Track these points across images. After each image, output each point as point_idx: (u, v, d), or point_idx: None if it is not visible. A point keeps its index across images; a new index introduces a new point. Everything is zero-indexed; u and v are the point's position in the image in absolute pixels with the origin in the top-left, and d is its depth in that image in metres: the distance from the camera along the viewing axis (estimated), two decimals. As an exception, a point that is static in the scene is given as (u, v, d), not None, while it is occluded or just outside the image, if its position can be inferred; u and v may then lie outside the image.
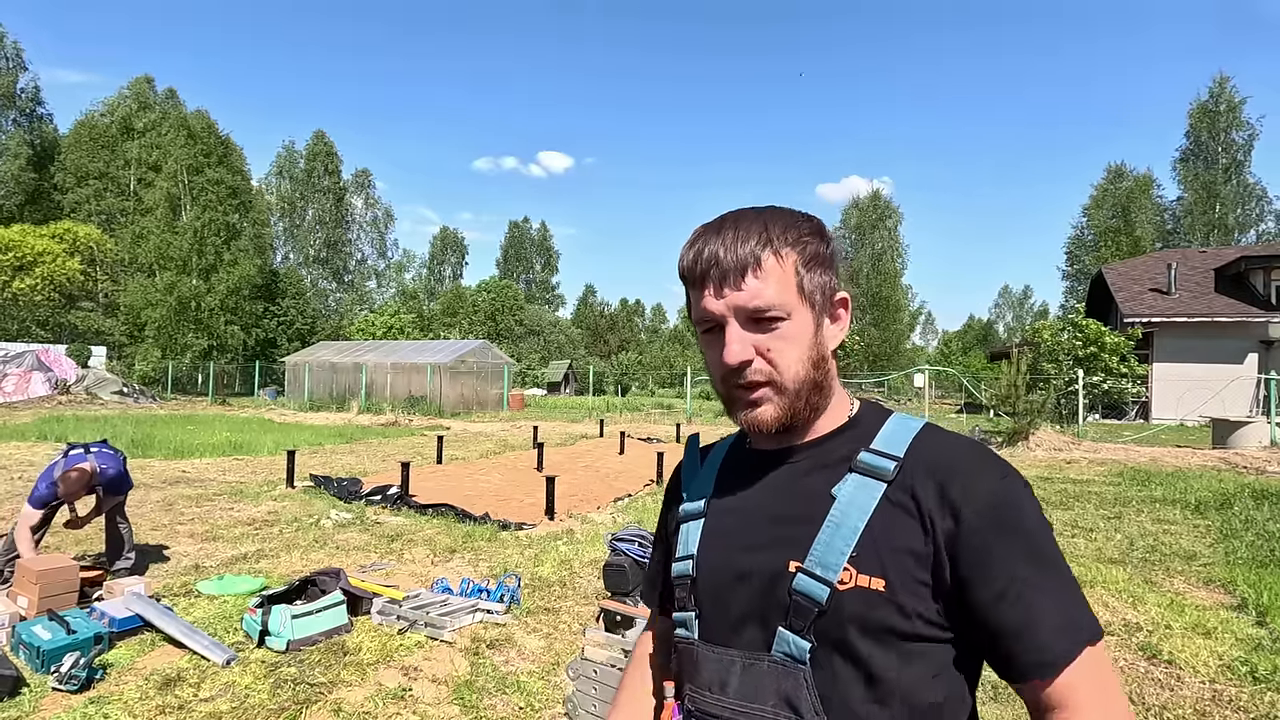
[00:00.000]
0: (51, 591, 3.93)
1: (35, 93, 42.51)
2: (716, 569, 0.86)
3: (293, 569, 5.19)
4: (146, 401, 25.81)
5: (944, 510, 0.76)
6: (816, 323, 0.83)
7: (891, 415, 0.87)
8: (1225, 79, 41.02)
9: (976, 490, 0.76)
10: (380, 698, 3.21)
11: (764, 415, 0.82)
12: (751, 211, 0.84)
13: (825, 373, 0.84)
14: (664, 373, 48.14)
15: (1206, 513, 7.54)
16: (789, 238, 0.81)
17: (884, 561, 0.76)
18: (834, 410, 0.88)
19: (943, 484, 0.77)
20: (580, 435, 16.40)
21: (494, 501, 8.00)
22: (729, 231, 0.81)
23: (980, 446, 0.82)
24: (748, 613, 0.82)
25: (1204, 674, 3.56)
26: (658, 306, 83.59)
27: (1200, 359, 21.16)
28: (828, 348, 0.85)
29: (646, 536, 4.53)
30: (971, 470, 0.78)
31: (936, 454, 0.80)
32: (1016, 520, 0.76)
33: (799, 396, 0.82)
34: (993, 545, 0.74)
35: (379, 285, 57.08)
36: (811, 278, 0.82)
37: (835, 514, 0.79)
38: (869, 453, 0.82)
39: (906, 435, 0.83)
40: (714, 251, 0.81)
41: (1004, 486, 0.77)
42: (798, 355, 0.81)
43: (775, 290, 0.79)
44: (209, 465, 10.58)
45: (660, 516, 1.08)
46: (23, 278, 32.46)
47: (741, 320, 0.80)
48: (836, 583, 0.76)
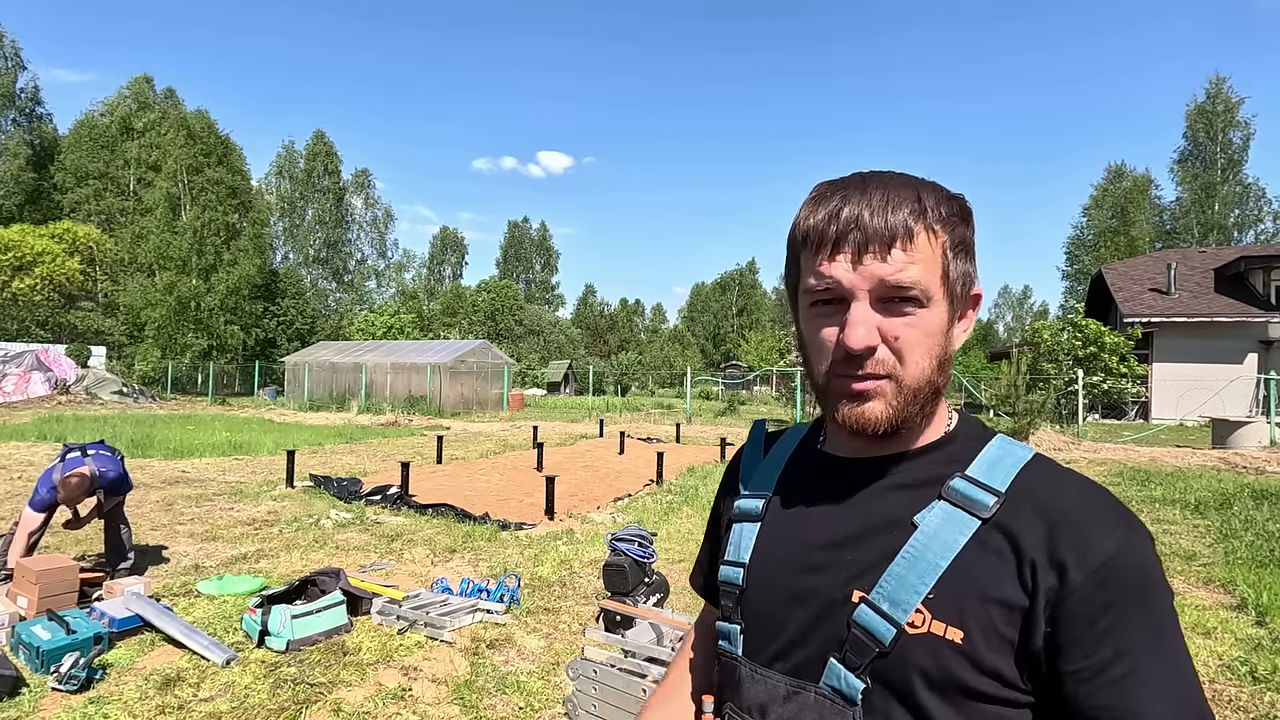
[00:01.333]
0: (51, 591, 3.93)
1: (35, 92, 42.58)
2: (770, 585, 0.78)
3: (292, 569, 5.19)
4: (146, 401, 25.81)
5: (1050, 563, 0.65)
6: (951, 317, 0.73)
7: (995, 438, 0.75)
8: (1222, 79, 41.09)
9: (1093, 545, 0.64)
10: (380, 698, 3.21)
11: (873, 412, 0.70)
12: (898, 175, 0.73)
13: (947, 377, 0.74)
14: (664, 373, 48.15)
15: (1206, 513, 7.55)
16: (943, 213, 0.71)
17: (965, 609, 0.66)
18: (933, 421, 0.77)
19: (1052, 531, 0.66)
20: (580, 435, 16.40)
21: (494, 501, 8.00)
22: (876, 193, 0.70)
23: (1102, 491, 0.70)
24: (799, 637, 0.74)
25: (1204, 674, 3.56)
26: (658, 306, 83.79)
27: (1200, 359, 21.17)
28: (955, 347, 0.74)
29: (646, 536, 4.53)
30: (1089, 519, 0.66)
31: (1048, 494, 0.68)
32: (1137, 587, 0.64)
33: (915, 399, 0.71)
34: (1104, 613, 0.63)
35: (379, 285, 57.15)
36: (957, 264, 0.72)
37: (915, 545, 0.69)
38: (964, 480, 0.71)
39: (1012, 466, 0.71)
40: (857, 213, 0.69)
41: (1127, 544, 0.65)
42: (927, 349, 0.70)
43: (922, 270, 0.69)
44: (209, 465, 10.58)
45: (715, 502, 0.97)
46: (22, 278, 32.48)
47: (873, 298, 0.69)
48: (906, 624, 0.67)
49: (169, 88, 44.83)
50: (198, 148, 35.07)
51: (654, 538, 4.80)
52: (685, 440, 15.69)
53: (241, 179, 39.62)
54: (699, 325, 70.01)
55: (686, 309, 73.62)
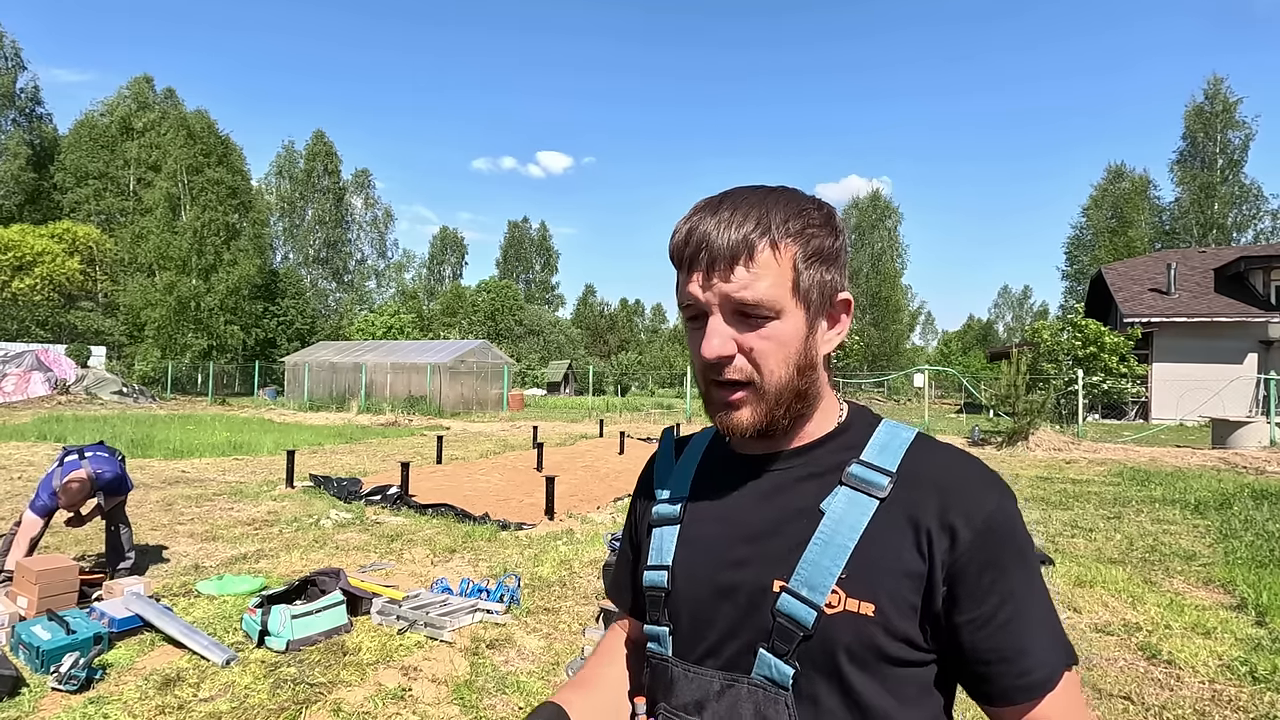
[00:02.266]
0: (51, 591, 3.93)
1: (35, 92, 42.59)
2: (695, 583, 0.80)
3: (292, 569, 5.19)
4: (146, 401, 25.80)
5: (943, 530, 0.71)
6: (810, 324, 0.76)
7: (881, 423, 0.81)
8: (1220, 79, 41.07)
9: (976, 509, 0.72)
10: (380, 698, 3.21)
11: (739, 419, 0.76)
12: (754, 192, 0.76)
13: (812, 380, 0.78)
14: (664, 373, 48.15)
15: (1206, 513, 7.55)
16: (791, 227, 0.74)
17: (875, 584, 0.71)
18: (823, 414, 0.81)
19: (943, 502, 0.72)
20: (580, 435, 16.40)
21: (494, 501, 8.00)
22: (725, 212, 0.74)
23: (976, 461, 0.77)
24: (727, 632, 0.77)
25: (1203, 674, 3.56)
26: (658, 306, 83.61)
27: (1200, 359, 21.17)
28: (819, 352, 0.78)
29: (646, 536, 4.52)
30: (971, 488, 0.74)
31: (933, 470, 0.75)
32: (1012, 542, 0.73)
33: (778, 403, 0.76)
34: (988, 567, 0.71)
35: (379, 285, 57.13)
36: (811, 275, 0.75)
37: (824, 531, 0.74)
38: (860, 465, 0.76)
39: (899, 447, 0.77)
40: (705, 232, 0.73)
41: (1001, 505, 0.73)
42: (783, 358, 0.74)
43: (766, 285, 0.72)
44: (209, 465, 10.58)
45: (629, 511, 1.00)
46: (22, 278, 32.48)
47: (726, 312, 0.74)
48: (824, 605, 0.71)
49: (169, 88, 44.87)
50: (198, 148, 35.06)
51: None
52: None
53: (241, 179, 39.63)
54: (699, 325, 69.85)
55: (686, 309, 73.43)
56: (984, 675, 0.72)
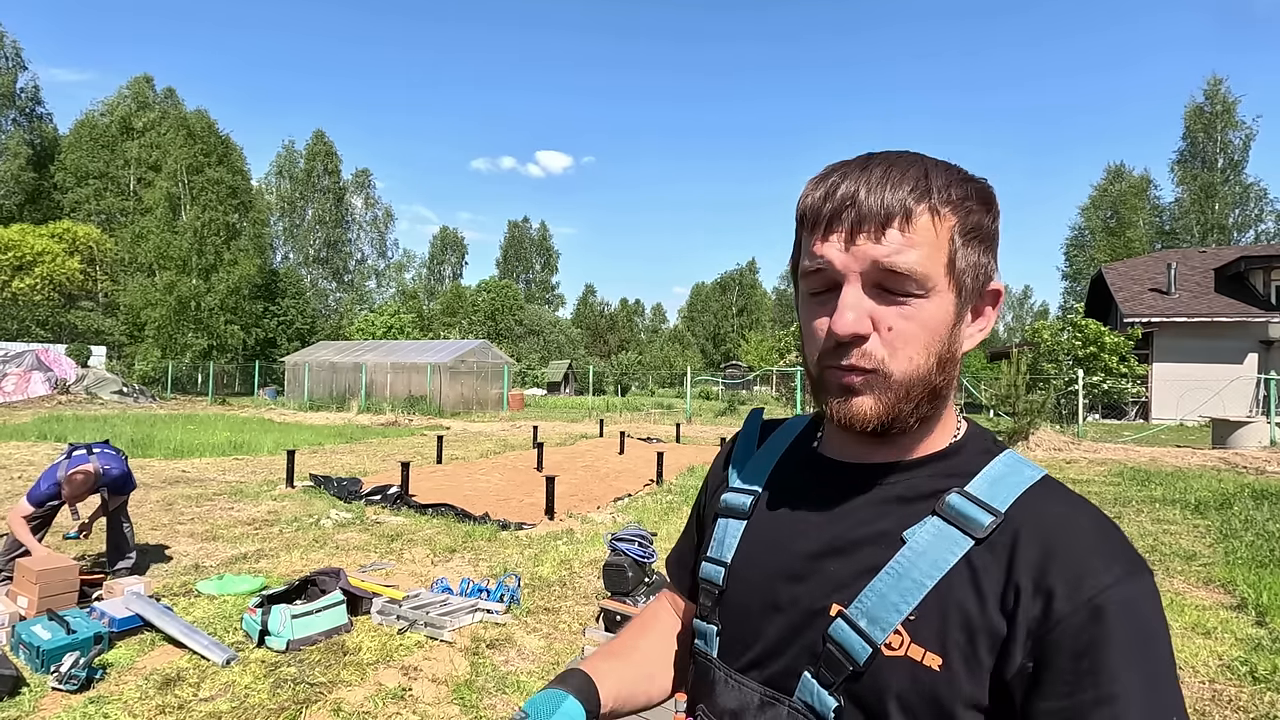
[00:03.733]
0: (51, 591, 3.94)
1: (35, 92, 42.62)
2: (750, 590, 0.74)
3: (293, 569, 5.19)
4: (146, 401, 25.81)
5: (1036, 589, 0.59)
6: (958, 312, 0.66)
7: (1003, 454, 0.69)
8: (1219, 80, 41.08)
9: (1088, 575, 0.59)
10: (380, 698, 3.21)
11: (861, 408, 0.65)
12: (908, 154, 0.67)
13: (950, 377, 0.67)
14: (664, 373, 48.15)
15: (1206, 513, 7.55)
16: (952, 195, 0.65)
17: (947, 635, 0.61)
18: (938, 430, 0.71)
19: (1045, 557, 0.60)
20: (580, 435, 16.40)
21: (494, 501, 8.00)
22: (878, 170, 0.64)
23: (1111, 526, 0.63)
24: (775, 647, 0.70)
25: (1204, 674, 3.56)
26: (658, 306, 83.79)
27: (1200, 359, 21.17)
28: (962, 347, 0.68)
29: (646, 536, 4.53)
30: (1089, 550, 0.60)
31: (1049, 520, 0.63)
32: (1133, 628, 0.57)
33: (908, 396, 0.65)
34: (1090, 651, 0.57)
35: (379, 285, 57.16)
36: (968, 253, 0.65)
37: (900, 561, 0.64)
38: (962, 496, 0.65)
39: (1016, 486, 0.65)
40: (853, 191, 0.64)
41: (1128, 581, 0.59)
42: (924, 344, 0.64)
43: (921, 255, 0.63)
44: (209, 465, 10.58)
45: (701, 489, 0.91)
46: (22, 277, 32.49)
47: (866, 282, 0.64)
48: (883, 644, 0.63)
49: (169, 87, 44.90)
50: (198, 147, 35.08)
51: (654, 538, 4.80)
52: (685, 440, 15.69)
53: (241, 179, 39.64)
54: (699, 325, 70.02)
55: (686, 309, 73.63)
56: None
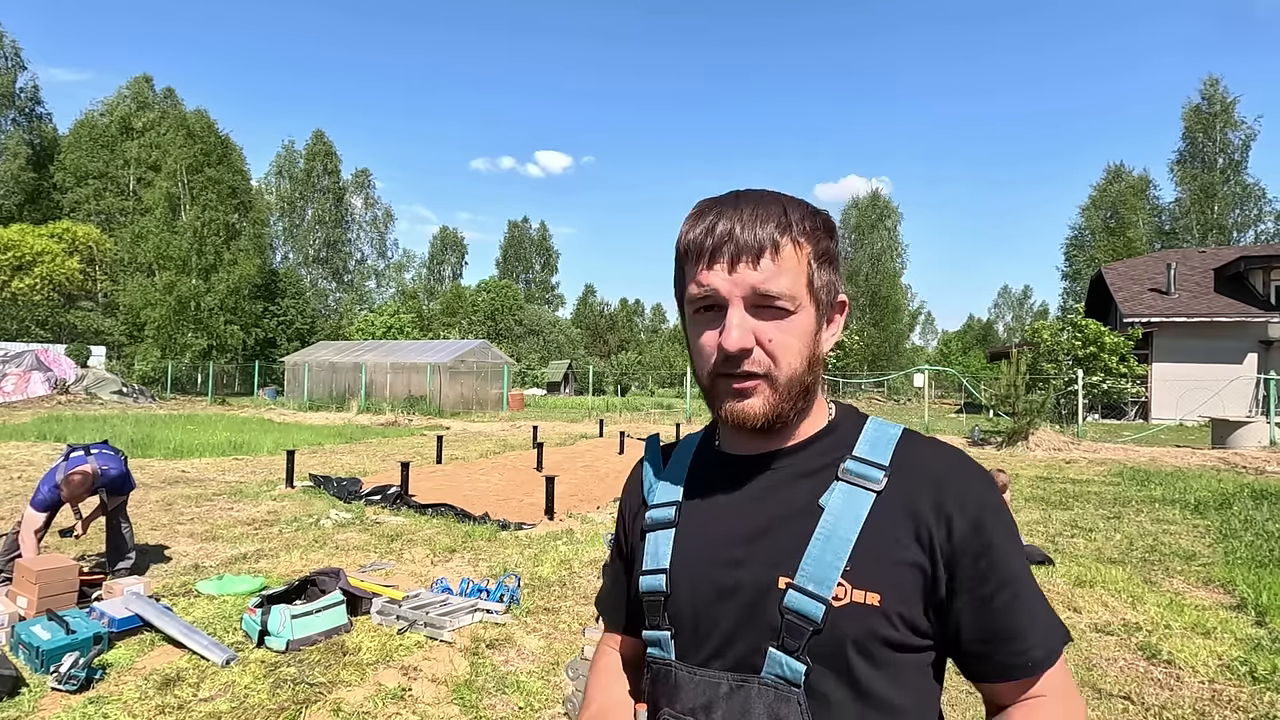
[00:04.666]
0: (51, 591, 3.93)
1: (34, 92, 42.57)
2: (695, 584, 0.80)
3: (292, 569, 5.19)
4: (146, 401, 25.80)
5: (940, 519, 0.75)
6: (819, 322, 0.80)
7: (869, 420, 0.84)
8: (1216, 80, 41.07)
9: (969, 498, 0.76)
10: (380, 698, 3.21)
11: (752, 408, 0.77)
12: (767, 193, 0.80)
13: (817, 375, 0.81)
14: (664, 372, 48.14)
15: (1206, 513, 7.55)
16: (806, 227, 0.77)
17: (879, 574, 0.73)
18: (813, 415, 0.84)
19: (937, 493, 0.76)
20: (580, 435, 16.40)
21: (494, 501, 8.00)
22: (747, 209, 0.76)
23: (961, 453, 0.81)
24: (732, 633, 0.77)
25: (1203, 674, 3.56)
26: (658, 306, 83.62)
27: (1200, 359, 21.17)
28: (823, 349, 0.82)
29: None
30: (961, 478, 0.78)
31: (925, 462, 0.79)
32: (1002, 528, 0.76)
33: (789, 395, 0.78)
34: (984, 552, 0.74)
35: (378, 285, 57.12)
36: (821, 274, 0.79)
37: (825, 526, 0.75)
38: (855, 460, 0.79)
39: (888, 442, 0.80)
40: (730, 228, 0.75)
41: (989, 493, 0.78)
42: (798, 351, 0.77)
43: (789, 279, 0.75)
44: (209, 465, 10.58)
45: (617, 526, 1.00)
46: (22, 277, 32.47)
47: (748, 304, 0.76)
48: (831, 599, 0.72)
49: (168, 87, 44.84)
50: (197, 147, 35.05)
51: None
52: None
53: (241, 179, 39.63)
54: (699, 325, 69.86)
55: (686, 309, 73.46)
56: (983, 654, 0.76)
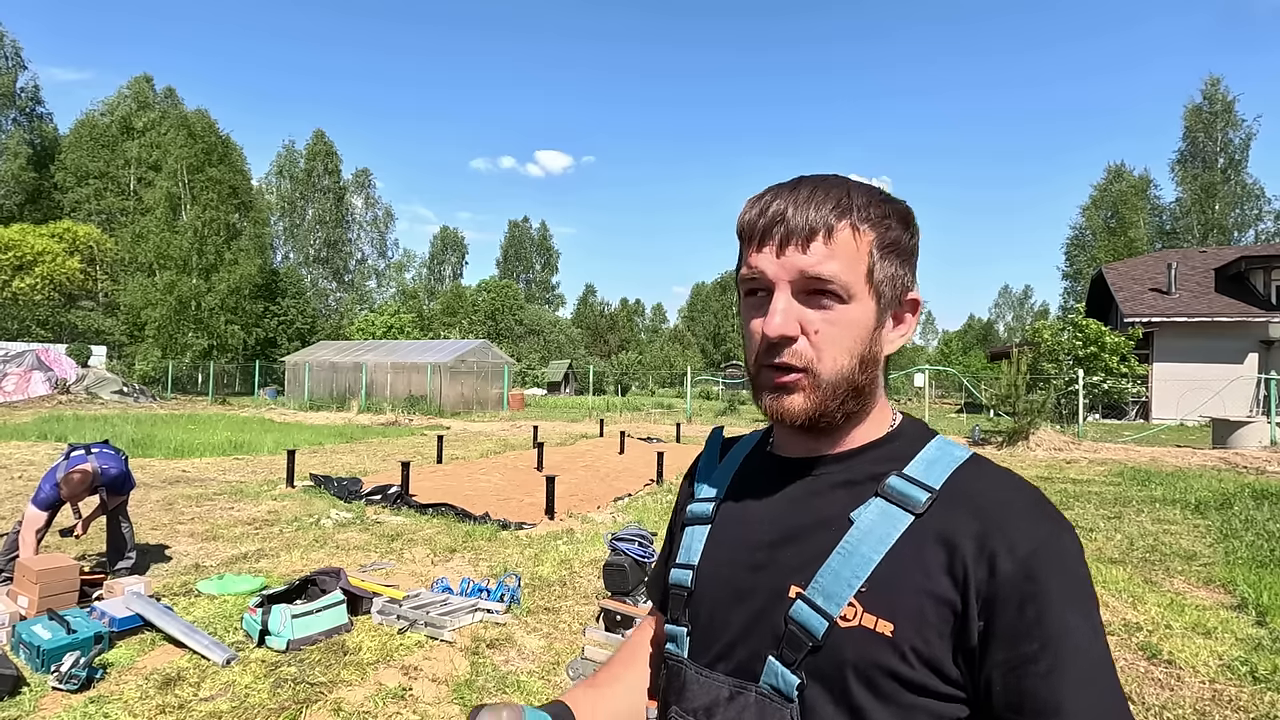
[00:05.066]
0: (51, 591, 3.94)
1: (35, 92, 42.61)
2: (716, 584, 0.78)
3: (293, 568, 5.19)
4: (146, 401, 25.81)
5: (981, 557, 0.65)
6: (878, 318, 0.73)
7: (935, 438, 0.76)
8: (1217, 80, 41.08)
9: (1022, 539, 0.65)
10: (380, 697, 3.21)
11: (791, 405, 0.72)
12: (834, 177, 0.75)
13: (872, 376, 0.74)
14: (664, 372, 48.14)
15: (1206, 513, 7.55)
16: (871, 214, 0.72)
17: (896, 603, 0.66)
18: (872, 421, 0.77)
19: (983, 527, 0.67)
20: (580, 435, 16.40)
21: (494, 501, 8.00)
22: (804, 190, 0.72)
23: (1033, 490, 0.71)
24: (741, 636, 0.74)
25: (1204, 674, 3.56)
26: (658, 306, 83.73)
27: (1200, 359, 21.16)
28: (882, 350, 0.75)
29: (646, 536, 4.53)
30: (1019, 516, 0.67)
31: (980, 492, 0.70)
32: (1063, 580, 0.65)
33: (834, 394, 0.72)
34: (1030, 603, 0.64)
35: (379, 285, 57.14)
36: (885, 266, 0.73)
37: (849, 541, 0.70)
38: (900, 478, 0.72)
39: (948, 464, 0.72)
40: (783, 209, 0.71)
41: (1055, 539, 0.66)
42: (847, 346, 0.71)
43: (841, 266, 0.70)
44: (209, 465, 10.58)
45: (672, 513, 0.98)
46: (23, 277, 32.48)
47: (795, 290, 0.71)
48: (838, 617, 0.68)
49: (169, 87, 44.89)
50: (198, 147, 35.07)
51: (654, 537, 4.81)
52: (685, 440, 15.69)
53: (242, 178, 39.64)
54: (699, 325, 69.99)
55: (686, 309, 73.62)
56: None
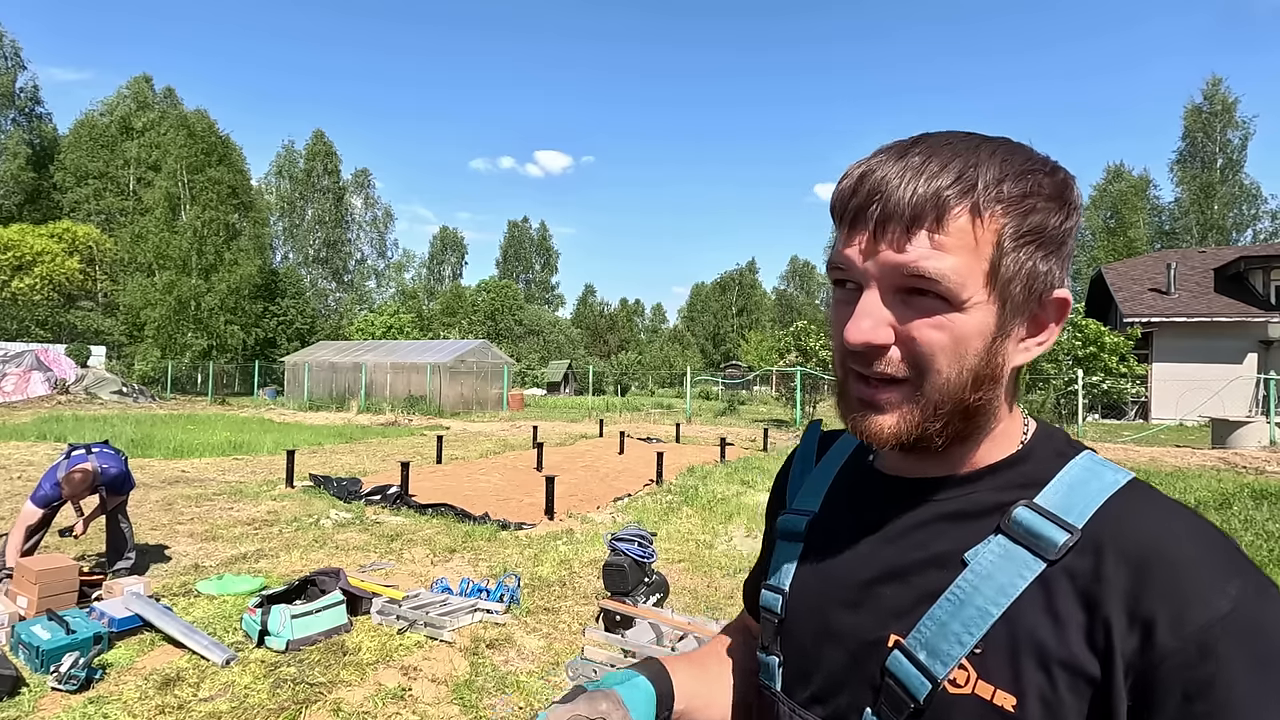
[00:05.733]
0: (51, 591, 3.93)
1: (34, 92, 42.64)
2: (806, 618, 0.68)
3: (292, 569, 5.19)
4: (146, 401, 25.80)
5: (1132, 620, 0.50)
6: (1002, 325, 0.57)
7: (1080, 455, 0.61)
8: (1218, 80, 41.12)
9: (1196, 599, 0.49)
10: (380, 697, 3.21)
11: (879, 426, 0.59)
12: (964, 137, 0.58)
13: (991, 396, 0.59)
14: (664, 373, 48.14)
15: (1206, 513, 7.53)
16: (1006, 191, 0.55)
17: (1020, 671, 0.53)
18: (998, 437, 0.63)
19: (1139, 579, 0.51)
20: (580, 435, 16.40)
21: (494, 501, 8.00)
22: (916, 156, 0.56)
23: (1215, 533, 0.54)
24: (834, 681, 0.64)
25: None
26: (657, 306, 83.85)
27: (1200, 359, 21.18)
28: (1009, 363, 0.59)
29: (646, 536, 4.53)
30: (1193, 566, 0.51)
31: (1139, 533, 0.53)
32: (1249, 661, 0.48)
33: (936, 414, 0.58)
34: (1207, 692, 0.48)
35: (378, 285, 57.20)
36: (1018, 259, 0.56)
37: (962, 586, 0.57)
38: (1030, 510, 0.57)
39: (1096, 495, 0.56)
40: (884, 179, 0.56)
41: (1247, 601, 0.49)
42: (956, 358, 0.56)
43: (955, 263, 0.54)
44: (209, 465, 10.58)
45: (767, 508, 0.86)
46: (22, 277, 32.49)
47: (888, 288, 0.57)
48: (946, 680, 0.55)
49: (168, 87, 44.94)
50: (198, 147, 35.05)
51: (654, 538, 4.81)
52: (685, 440, 15.69)
53: (242, 178, 39.63)
54: (699, 325, 70.02)
55: (686, 309, 73.64)
56: None
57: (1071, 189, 0.58)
